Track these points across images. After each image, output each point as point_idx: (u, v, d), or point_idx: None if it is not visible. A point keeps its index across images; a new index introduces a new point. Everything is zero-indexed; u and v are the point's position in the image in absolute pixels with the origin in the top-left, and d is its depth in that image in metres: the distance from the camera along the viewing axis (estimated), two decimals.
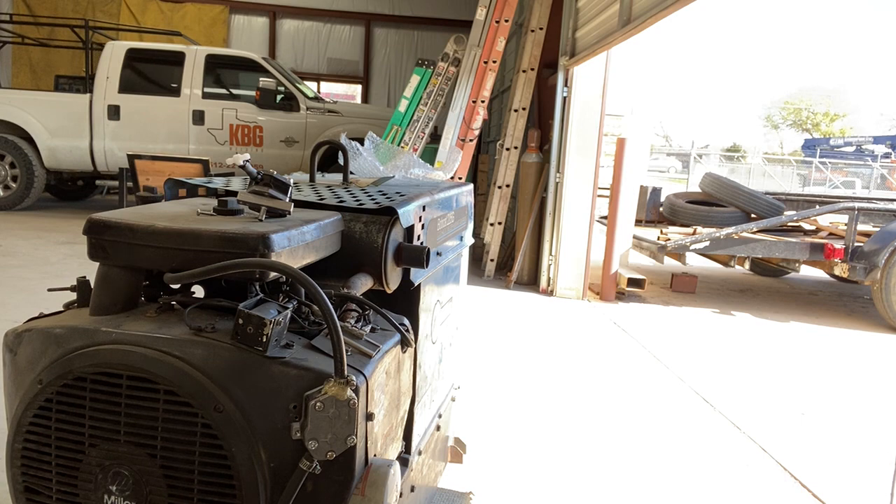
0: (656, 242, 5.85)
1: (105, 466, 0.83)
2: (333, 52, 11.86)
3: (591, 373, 3.74)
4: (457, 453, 1.97)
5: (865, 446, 2.95)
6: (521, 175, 6.18)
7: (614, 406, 3.24)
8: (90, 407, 0.83)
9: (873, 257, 5.32)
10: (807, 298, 6.56)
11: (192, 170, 7.53)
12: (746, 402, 3.40)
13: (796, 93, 46.56)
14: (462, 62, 5.91)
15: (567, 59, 5.64)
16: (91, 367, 0.83)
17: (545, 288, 5.86)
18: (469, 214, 1.84)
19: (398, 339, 1.08)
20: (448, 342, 1.67)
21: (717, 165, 25.92)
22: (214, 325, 0.89)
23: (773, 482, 2.56)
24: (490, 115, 7.68)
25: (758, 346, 4.62)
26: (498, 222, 6.31)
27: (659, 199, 7.30)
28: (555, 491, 2.36)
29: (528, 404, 3.17)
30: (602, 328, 4.80)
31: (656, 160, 29.05)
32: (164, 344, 0.85)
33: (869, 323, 5.53)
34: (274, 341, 0.86)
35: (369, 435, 0.90)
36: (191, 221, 0.96)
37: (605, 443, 2.79)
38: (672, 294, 6.27)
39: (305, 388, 0.82)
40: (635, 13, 4.11)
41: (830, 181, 23.95)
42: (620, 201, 5.61)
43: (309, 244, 1.02)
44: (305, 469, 0.81)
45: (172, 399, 0.81)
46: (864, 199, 7.21)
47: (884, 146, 27.01)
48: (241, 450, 0.81)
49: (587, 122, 5.61)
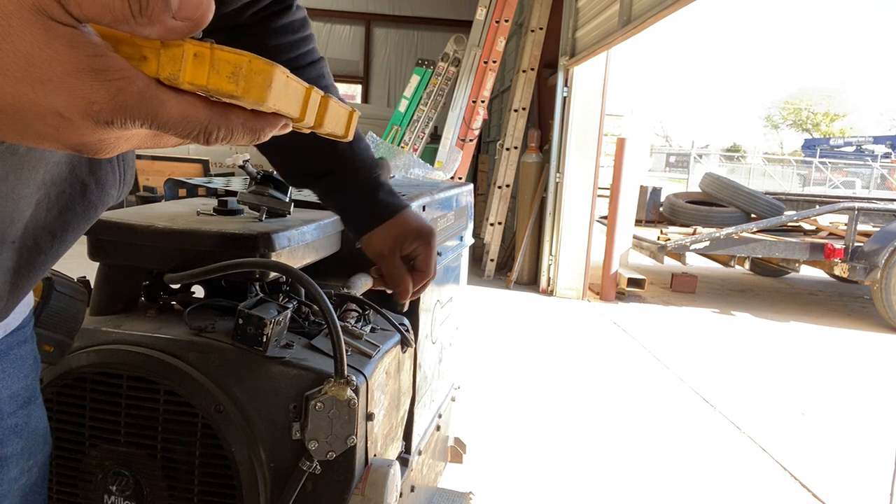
0: (656, 242, 5.85)
1: (105, 467, 0.83)
2: (333, 52, 11.85)
3: (592, 373, 3.74)
4: (457, 453, 1.97)
5: (865, 446, 2.95)
6: (521, 175, 6.18)
7: (614, 406, 3.24)
8: (90, 407, 0.83)
9: (873, 257, 5.32)
10: (807, 298, 6.57)
11: (191, 170, 7.53)
12: (746, 402, 3.40)
13: (796, 93, 46.63)
14: (462, 62, 5.91)
15: (567, 59, 5.64)
16: (91, 368, 0.83)
17: (545, 288, 5.86)
18: (469, 214, 1.84)
19: (398, 339, 1.08)
20: (448, 342, 1.67)
21: (717, 165, 25.91)
22: (214, 325, 0.89)
23: (773, 482, 2.56)
24: (490, 115, 7.68)
25: (758, 346, 4.62)
26: (498, 222, 6.31)
27: (659, 199, 7.30)
28: (555, 491, 2.36)
29: (528, 404, 3.18)
30: (602, 328, 4.80)
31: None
32: (164, 344, 0.85)
33: (869, 323, 5.53)
34: (274, 341, 0.86)
35: (369, 435, 0.90)
36: (191, 221, 0.96)
37: (606, 443, 2.79)
38: (672, 294, 6.27)
39: (305, 388, 0.82)
40: (635, 13, 4.11)
41: (830, 181, 23.95)
42: (620, 201, 5.61)
43: (309, 244, 1.02)
44: (305, 469, 0.81)
45: (172, 399, 0.81)
46: (864, 199, 7.21)
47: (884, 146, 26.99)
48: (241, 450, 0.81)
49: (587, 122, 5.61)
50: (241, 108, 0.34)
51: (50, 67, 0.30)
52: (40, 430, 0.62)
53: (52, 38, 0.30)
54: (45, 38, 0.30)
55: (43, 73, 0.30)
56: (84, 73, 0.30)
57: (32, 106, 0.31)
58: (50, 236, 0.50)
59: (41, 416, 0.63)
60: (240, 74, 0.32)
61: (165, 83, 0.32)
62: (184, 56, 0.32)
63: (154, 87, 0.32)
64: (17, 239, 0.48)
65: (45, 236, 0.49)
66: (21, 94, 0.31)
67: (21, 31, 0.29)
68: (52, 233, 0.50)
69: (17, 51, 0.30)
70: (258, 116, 0.35)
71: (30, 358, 0.60)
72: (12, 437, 0.57)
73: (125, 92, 0.31)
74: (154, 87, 0.32)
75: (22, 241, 0.48)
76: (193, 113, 0.33)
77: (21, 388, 0.58)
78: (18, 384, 0.58)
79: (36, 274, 0.51)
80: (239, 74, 0.32)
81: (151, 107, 0.32)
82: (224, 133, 0.34)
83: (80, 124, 0.32)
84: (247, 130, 0.35)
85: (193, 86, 0.32)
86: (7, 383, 0.56)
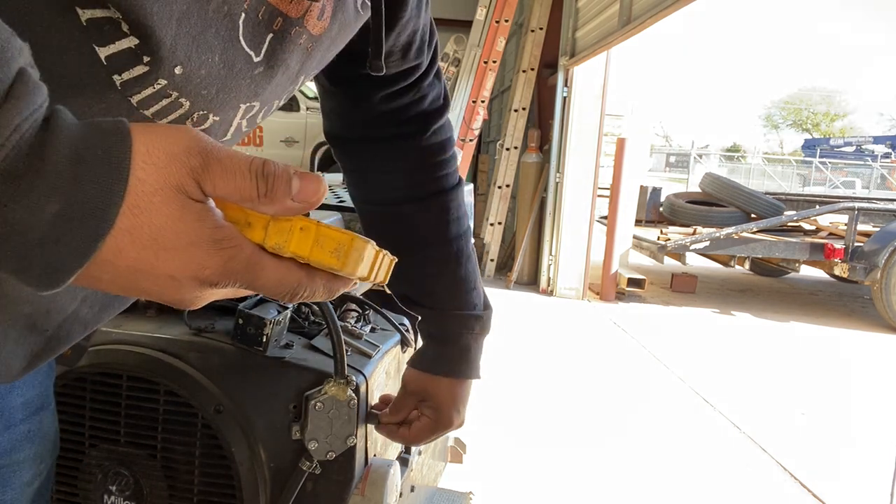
0: (656, 242, 5.85)
1: (105, 467, 0.83)
2: None
3: (592, 373, 3.74)
4: (457, 453, 1.97)
5: (865, 446, 2.95)
6: (521, 175, 6.17)
7: (615, 406, 3.24)
8: (90, 407, 0.83)
9: (873, 257, 5.32)
10: (807, 298, 6.56)
11: None
12: (746, 402, 3.40)
13: (796, 93, 46.60)
14: (462, 62, 5.90)
15: (567, 59, 5.64)
16: (91, 367, 0.82)
17: (545, 288, 5.86)
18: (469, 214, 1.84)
19: (398, 339, 1.08)
20: None
21: (717, 165, 25.90)
22: (214, 325, 0.90)
23: (773, 482, 2.56)
24: (490, 115, 7.68)
25: (758, 347, 4.62)
26: (498, 222, 6.31)
27: (659, 199, 7.30)
28: (555, 491, 2.36)
29: (528, 404, 3.18)
30: (602, 328, 4.80)
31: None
32: (164, 344, 0.85)
33: (869, 323, 5.53)
34: (274, 341, 0.86)
35: (369, 435, 0.90)
36: None
37: (606, 443, 2.79)
38: (672, 294, 6.27)
39: (305, 388, 0.82)
40: (635, 13, 4.11)
41: (830, 181, 23.94)
42: (620, 201, 5.61)
43: None
44: (305, 469, 0.81)
45: (172, 399, 0.81)
46: (864, 199, 7.21)
47: (884, 146, 26.98)
48: (241, 450, 0.81)
49: (587, 122, 5.61)
50: (325, 272, 0.38)
51: (177, 238, 0.33)
52: (51, 434, 0.62)
53: (185, 213, 0.33)
54: (180, 214, 0.33)
55: (170, 242, 0.33)
56: (204, 243, 0.33)
57: (150, 269, 0.33)
58: (83, 328, 0.51)
59: (52, 421, 0.63)
60: (342, 251, 0.36)
61: (269, 251, 0.36)
62: (291, 229, 0.35)
63: (258, 254, 0.35)
64: (52, 329, 0.49)
65: (78, 329, 0.50)
66: (143, 259, 0.33)
67: (160, 207, 0.32)
68: (85, 325, 0.51)
69: (152, 224, 0.32)
70: (337, 279, 0.38)
71: (44, 366, 0.60)
72: (24, 443, 0.57)
73: (235, 259, 0.34)
74: (258, 254, 0.35)
75: (56, 331, 0.49)
76: (288, 277, 0.36)
77: (35, 395, 0.59)
78: (32, 391, 0.58)
79: (55, 355, 0.51)
80: (341, 251, 0.36)
81: (254, 272, 0.35)
82: (308, 293, 0.37)
83: (186, 285, 0.35)
84: (326, 291, 0.38)
85: (296, 255, 0.36)
86: (21, 391, 0.56)
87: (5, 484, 0.56)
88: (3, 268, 0.32)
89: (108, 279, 0.34)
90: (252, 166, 0.34)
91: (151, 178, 0.32)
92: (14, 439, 0.56)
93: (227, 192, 0.34)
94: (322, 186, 0.36)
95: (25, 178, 0.29)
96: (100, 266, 0.33)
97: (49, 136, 0.30)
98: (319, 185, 0.36)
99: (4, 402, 0.55)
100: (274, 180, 0.34)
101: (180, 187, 0.32)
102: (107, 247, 0.32)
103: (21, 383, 0.56)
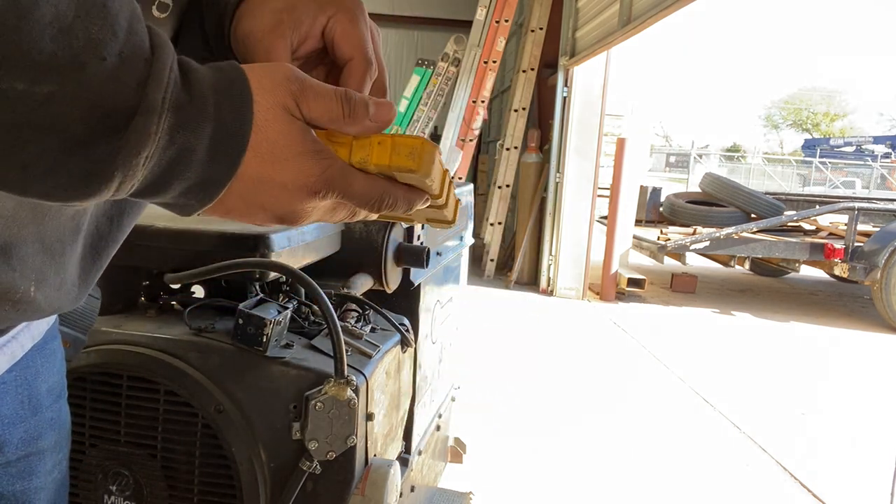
0: (656, 242, 5.85)
1: (105, 467, 0.83)
2: None
3: (592, 373, 3.74)
4: (457, 453, 1.97)
5: (865, 446, 2.95)
6: (521, 175, 6.17)
7: (615, 406, 3.24)
8: (90, 407, 0.83)
9: (873, 257, 5.32)
10: (807, 298, 6.56)
11: None
12: (746, 402, 3.40)
13: (796, 93, 46.58)
14: (462, 62, 5.90)
15: (567, 59, 5.64)
16: (91, 367, 0.83)
17: (545, 288, 5.86)
18: (469, 214, 1.84)
19: (398, 339, 1.08)
20: (448, 342, 1.67)
21: (717, 165, 25.89)
22: (214, 325, 0.89)
23: (773, 482, 2.56)
24: (490, 115, 7.68)
25: (758, 346, 4.62)
26: (498, 222, 6.31)
27: (659, 199, 7.30)
28: (555, 491, 2.36)
29: (528, 404, 3.18)
30: (602, 328, 4.80)
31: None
32: (165, 344, 0.85)
33: (869, 323, 5.53)
34: (274, 341, 0.86)
35: (369, 435, 0.90)
36: (191, 221, 0.96)
37: (606, 443, 2.79)
38: (672, 294, 6.27)
39: (305, 388, 0.82)
40: (635, 13, 4.11)
41: (830, 181, 23.94)
42: (620, 201, 5.61)
43: (309, 244, 1.02)
44: (305, 469, 0.81)
45: (172, 399, 0.81)
46: (864, 199, 7.21)
47: (884, 146, 26.96)
48: (241, 450, 0.81)
49: (587, 122, 5.61)
50: (404, 185, 0.44)
51: (288, 149, 0.40)
52: (67, 424, 0.63)
53: (292, 128, 0.40)
54: (288, 128, 0.40)
55: (282, 153, 0.40)
56: (308, 154, 0.40)
57: (268, 180, 0.40)
58: (108, 220, 0.53)
59: (68, 410, 0.64)
60: (415, 153, 0.42)
61: (356, 166, 0.42)
62: (371, 144, 0.42)
63: (348, 166, 0.42)
64: (84, 226, 0.52)
65: (104, 221, 0.53)
66: (263, 170, 0.40)
67: (273, 124, 0.39)
68: (109, 218, 0.53)
69: (269, 138, 0.39)
70: (414, 190, 0.45)
71: (59, 352, 0.61)
72: (48, 431, 0.58)
73: (332, 168, 0.41)
74: (348, 166, 0.42)
75: (87, 227, 0.52)
76: (375, 186, 0.43)
77: (56, 381, 0.60)
78: (53, 378, 0.59)
79: (101, 259, 0.54)
80: (415, 153, 0.42)
81: (347, 180, 0.42)
82: (390, 202, 0.44)
83: (296, 194, 0.41)
84: (405, 201, 0.45)
85: (378, 167, 0.42)
86: (45, 376, 0.57)
87: (32, 472, 0.56)
88: (171, 189, 0.37)
89: (237, 193, 0.40)
90: (337, 92, 0.41)
91: (264, 100, 0.39)
92: (41, 425, 0.57)
93: (319, 112, 0.41)
94: (393, 109, 0.43)
95: (186, 108, 0.36)
96: (236, 179, 0.39)
97: (189, 75, 0.37)
98: (391, 108, 0.43)
99: (32, 387, 0.56)
100: (355, 104, 0.41)
101: (286, 107, 0.39)
102: (243, 161, 0.39)
103: (44, 369, 0.57)
